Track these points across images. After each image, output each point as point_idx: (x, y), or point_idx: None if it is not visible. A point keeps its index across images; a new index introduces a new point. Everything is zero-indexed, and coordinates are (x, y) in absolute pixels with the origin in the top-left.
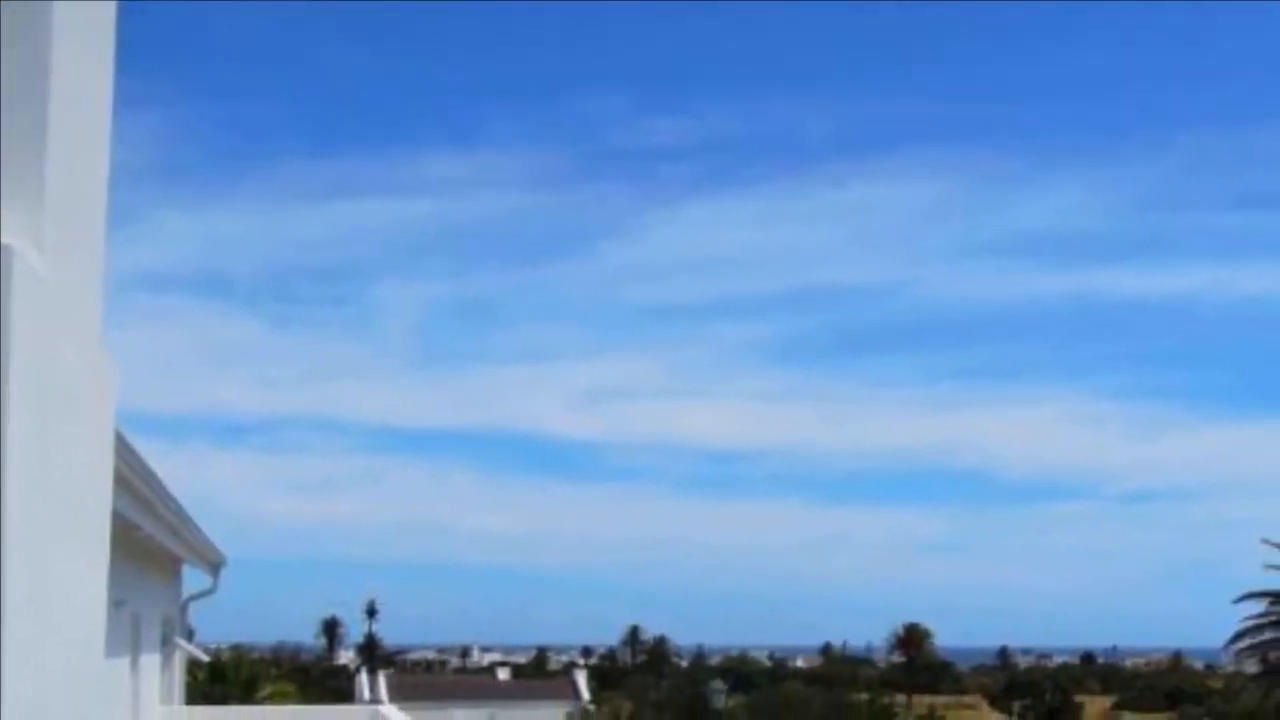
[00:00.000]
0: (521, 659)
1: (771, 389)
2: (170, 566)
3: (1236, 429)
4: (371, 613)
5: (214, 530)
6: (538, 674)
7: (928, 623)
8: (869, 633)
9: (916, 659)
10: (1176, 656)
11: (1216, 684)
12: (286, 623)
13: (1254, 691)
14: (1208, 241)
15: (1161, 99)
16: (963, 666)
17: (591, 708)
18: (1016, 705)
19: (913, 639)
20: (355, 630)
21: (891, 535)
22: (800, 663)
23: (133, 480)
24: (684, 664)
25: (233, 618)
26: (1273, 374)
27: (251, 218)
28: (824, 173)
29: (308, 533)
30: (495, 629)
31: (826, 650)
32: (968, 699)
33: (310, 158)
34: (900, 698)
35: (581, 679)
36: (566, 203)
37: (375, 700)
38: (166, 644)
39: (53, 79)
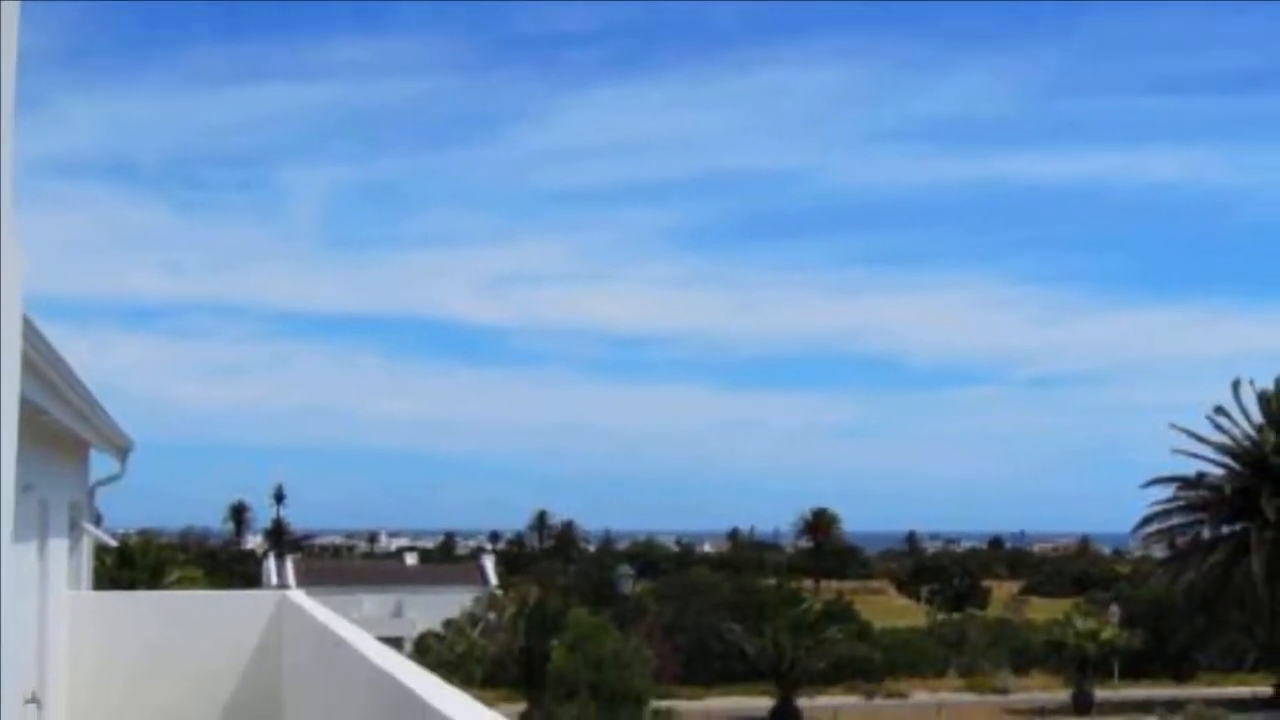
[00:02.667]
0: (429, 544)
1: (679, 274)
2: (78, 451)
3: (1144, 314)
4: (279, 498)
5: (122, 415)
6: (445, 559)
7: (835, 508)
8: (776, 518)
9: (824, 544)
10: (1084, 541)
11: (1124, 569)
12: (194, 508)
13: (1162, 576)
14: (1115, 127)
15: None
16: (870, 552)
17: (499, 593)
18: (924, 590)
19: (820, 524)
20: (263, 515)
21: (799, 420)
22: (708, 548)
23: (40, 365)
24: (592, 549)
25: (140, 503)
26: (1180, 260)
27: (158, 103)
28: (731, 58)
29: (215, 418)
30: (403, 514)
31: (734, 535)
32: (875, 584)
33: (217, 43)
34: (808, 583)
35: (489, 564)
36: (473, 88)
37: (283, 585)
38: (74, 529)
39: None
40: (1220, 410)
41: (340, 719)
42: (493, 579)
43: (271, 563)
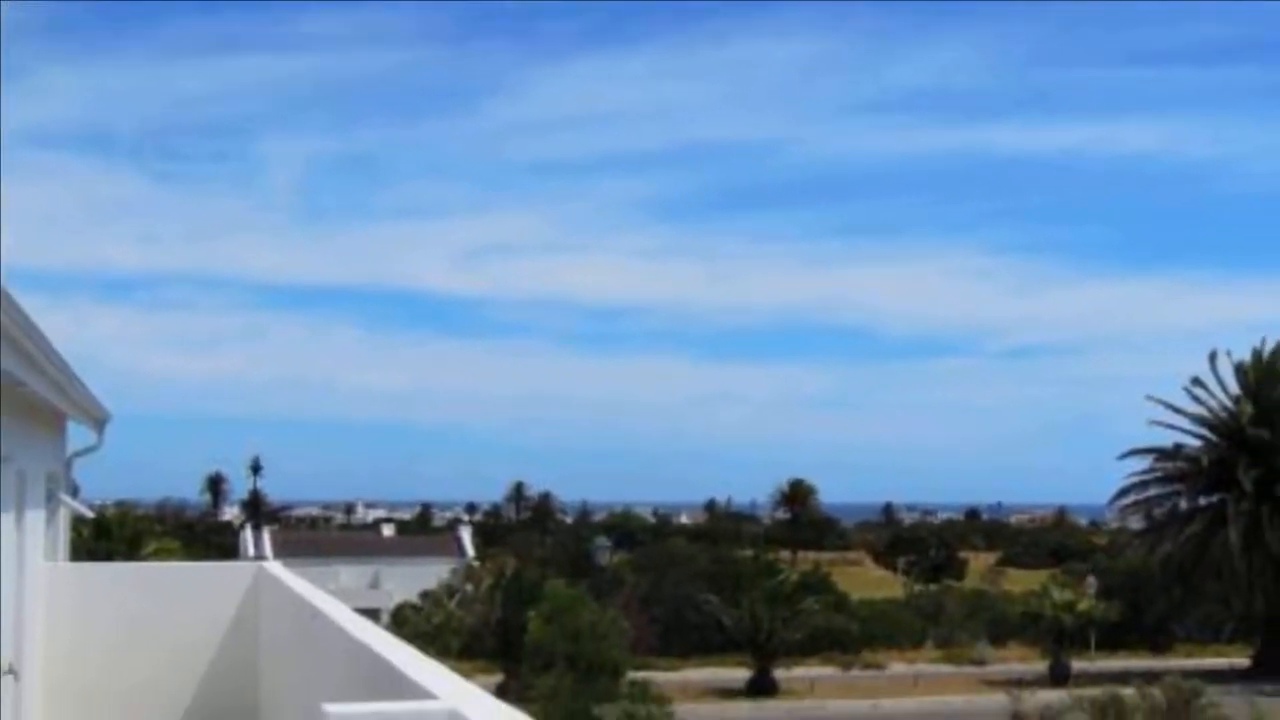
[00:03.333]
0: (406, 516)
1: (655, 245)
2: (55, 423)
3: (1121, 285)
4: (256, 469)
5: (99, 386)
6: (422, 531)
7: (812, 479)
8: (753, 489)
9: (801, 515)
10: (1061, 513)
11: (1101, 540)
12: (171, 479)
13: (1139, 547)
14: (1093, 98)
15: None
16: (847, 523)
17: (476, 564)
18: (901, 561)
19: (797, 495)
20: (240, 487)
21: (775, 392)
22: (685, 519)
23: (17, 336)
24: (569, 520)
25: (118, 474)
26: (1157, 231)
27: (136, 74)
28: (707, 30)
29: (192, 389)
30: (380, 486)
31: (711, 507)
32: (852, 555)
33: (195, 14)
34: (785, 554)
35: (466, 536)
36: (450, 59)
37: (260, 556)
38: (51, 501)
39: None
40: (1197, 382)
41: (317, 690)
42: (470, 550)
43: (248, 534)
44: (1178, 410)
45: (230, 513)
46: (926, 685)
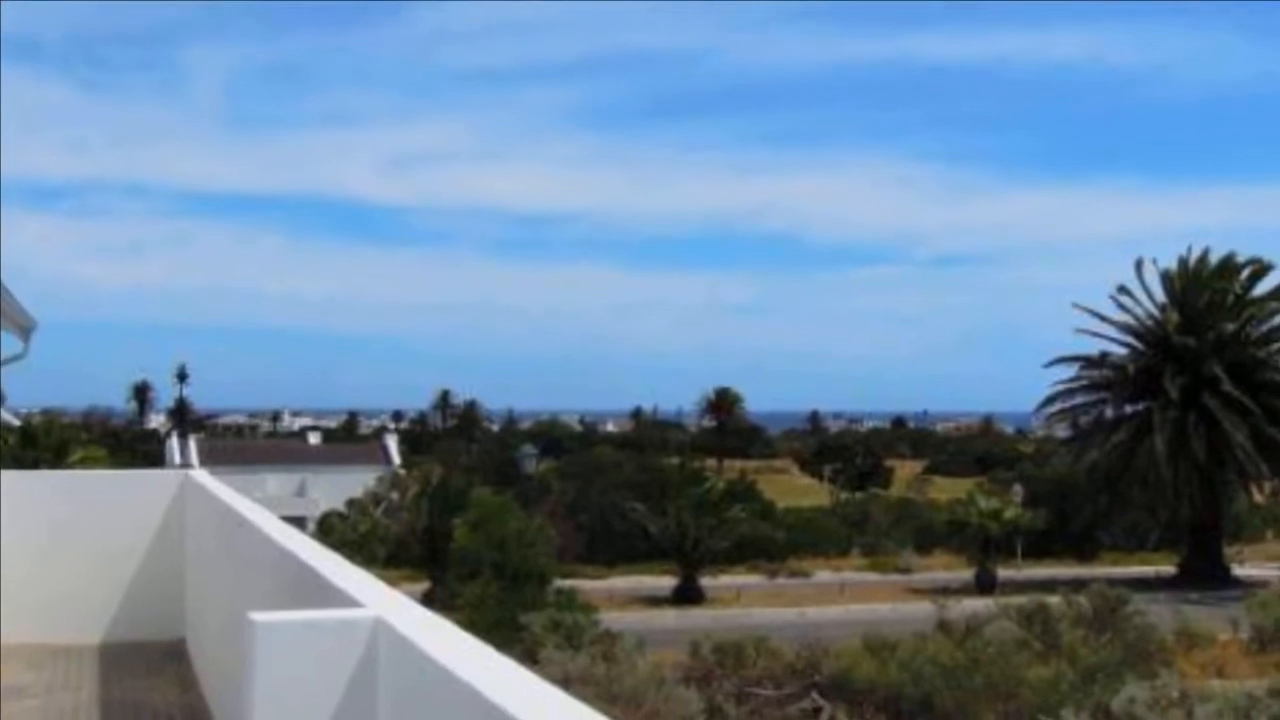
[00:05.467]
0: (332, 423)
1: (581, 153)
2: None
3: (1045, 193)
4: (182, 377)
5: (25, 295)
6: (349, 438)
7: (738, 387)
8: (679, 397)
9: (727, 424)
10: (987, 421)
11: (1028, 448)
12: (97, 387)
13: (1065, 455)
14: (1018, 7)
15: None
16: (773, 431)
17: (402, 472)
18: (827, 469)
19: (723, 404)
20: (166, 395)
21: (702, 300)
22: (611, 427)
23: None
24: (495, 429)
25: (44, 382)
26: (1082, 139)
27: None
28: None
29: (118, 297)
30: (306, 393)
31: (637, 415)
32: (778, 463)
33: None
34: (711, 462)
35: (392, 443)
36: None
37: (186, 465)
38: None
39: None
40: (1123, 290)
41: (244, 598)
42: (396, 458)
43: (174, 442)
44: (1104, 319)
45: (156, 421)
46: (852, 593)
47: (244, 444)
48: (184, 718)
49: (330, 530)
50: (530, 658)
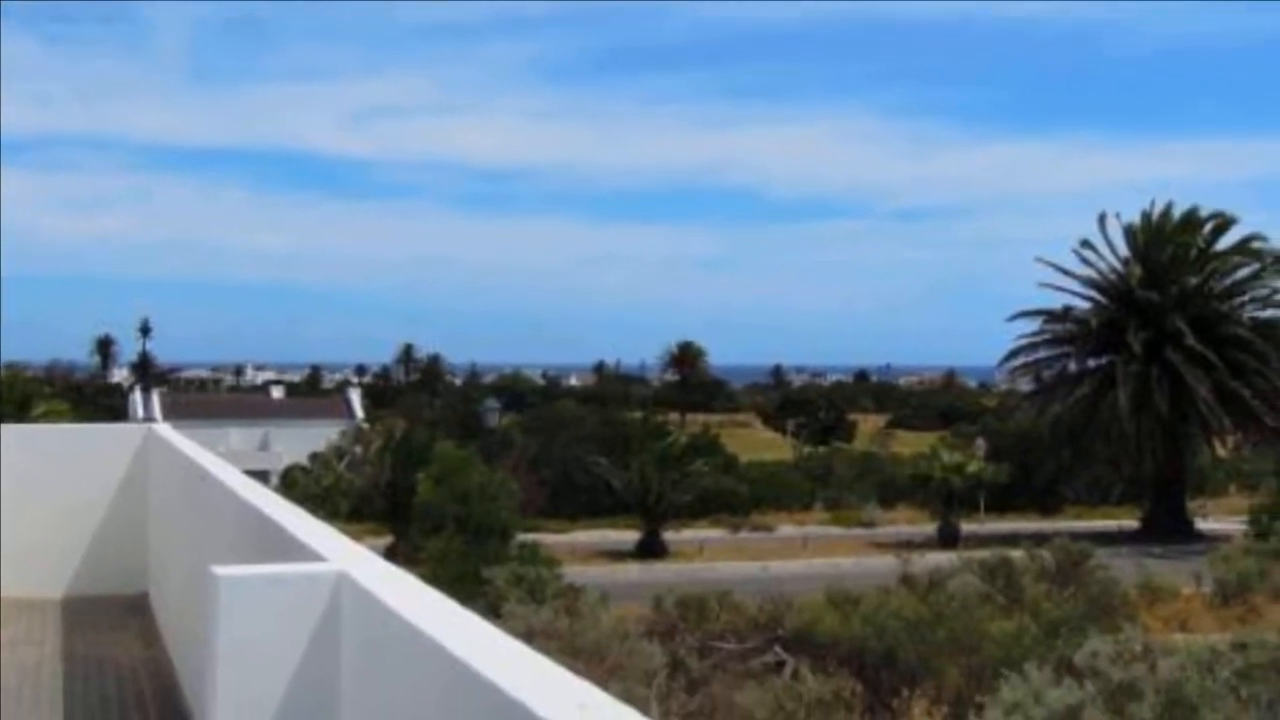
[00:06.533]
0: (295, 378)
1: (543, 107)
2: None
3: (1010, 147)
4: (145, 331)
5: None
6: (311, 393)
7: (701, 341)
8: (642, 351)
9: (690, 378)
10: (950, 375)
11: (990, 402)
12: (60, 341)
13: (1028, 409)
14: None
15: None
16: (736, 385)
17: (365, 426)
18: (790, 424)
19: (686, 358)
20: (129, 349)
21: (664, 254)
22: (574, 381)
23: None
24: (458, 383)
25: (6, 336)
26: (1046, 93)
27: None
28: None
29: (81, 251)
30: (269, 348)
31: (600, 369)
32: (741, 417)
33: None
34: (674, 416)
35: (355, 397)
36: None
37: (149, 419)
38: None
39: None
40: (1086, 244)
41: (206, 552)
42: (359, 412)
43: (138, 396)
44: (1067, 273)
45: (119, 375)
46: (815, 547)
47: (207, 398)
48: (147, 672)
49: (293, 484)
50: (493, 611)
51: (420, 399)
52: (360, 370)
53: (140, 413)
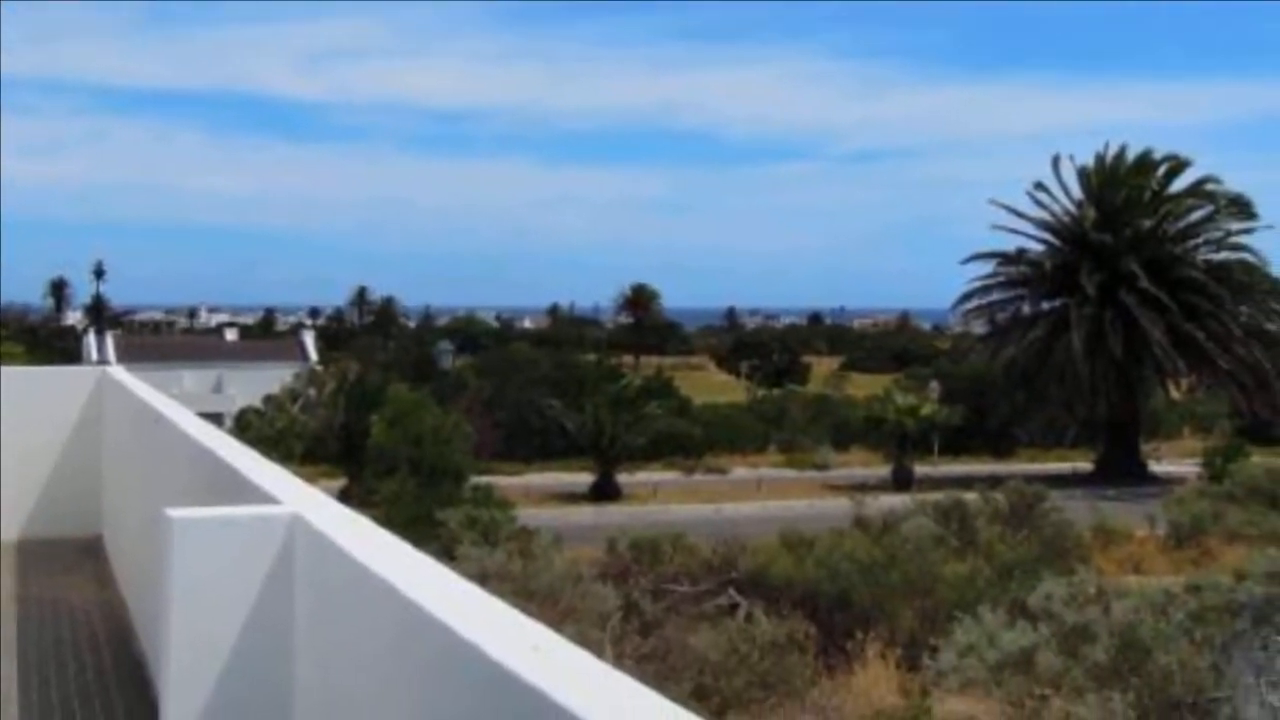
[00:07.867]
0: (249, 320)
1: (497, 49)
2: None
3: (961, 89)
4: (99, 273)
5: None
6: (265, 335)
7: (654, 284)
8: (596, 294)
9: (644, 320)
10: (904, 317)
11: (944, 345)
12: (14, 284)
13: (982, 352)
14: None
15: None
16: (690, 328)
17: (319, 369)
18: (744, 366)
19: (640, 300)
20: (83, 291)
21: (617, 195)
22: (528, 324)
23: None
24: (411, 325)
25: None
26: (996, 34)
27: None
28: None
29: (35, 193)
30: (222, 290)
31: (554, 311)
32: (695, 360)
33: None
34: (628, 359)
35: (309, 340)
36: None
37: (103, 361)
38: None
39: None
40: (1040, 186)
41: (160, 494)
42: (313, 355)
43: (92, 339)
44: (1020, 215)
45: (73, 317)
46: (769, 490)
47: (161, 340)
48: (101, 614)
49: (247, 427)
50: (447, 554)
51: (374, 341)
52: (314, 313)
53: (94, 355)
